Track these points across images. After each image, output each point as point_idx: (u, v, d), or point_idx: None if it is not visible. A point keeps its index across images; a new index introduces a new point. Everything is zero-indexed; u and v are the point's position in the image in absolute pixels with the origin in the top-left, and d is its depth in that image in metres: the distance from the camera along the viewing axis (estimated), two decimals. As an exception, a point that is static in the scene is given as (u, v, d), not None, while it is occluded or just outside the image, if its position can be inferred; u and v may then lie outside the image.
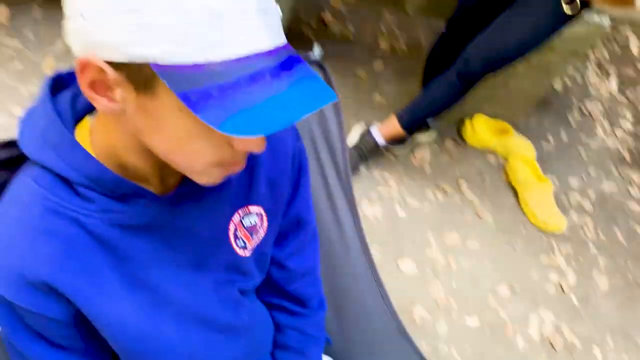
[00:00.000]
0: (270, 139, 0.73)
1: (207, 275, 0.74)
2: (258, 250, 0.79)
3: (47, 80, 0.63)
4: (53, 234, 0.61)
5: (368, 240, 0.99)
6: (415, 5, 2.62)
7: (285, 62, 0.49)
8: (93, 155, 0.60)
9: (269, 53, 0.48)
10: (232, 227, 0.74)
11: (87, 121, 0.64)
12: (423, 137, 2.23)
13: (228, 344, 0.79)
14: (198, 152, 0.54)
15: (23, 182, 0.63)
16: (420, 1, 2.59)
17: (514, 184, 2.23)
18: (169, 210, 0.66)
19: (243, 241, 0.76)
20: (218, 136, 0.53)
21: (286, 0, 1.81)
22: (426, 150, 2.24)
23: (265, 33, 0.48)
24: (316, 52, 0.97)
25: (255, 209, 0.75)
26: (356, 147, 1.98)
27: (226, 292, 0.77)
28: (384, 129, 1.98)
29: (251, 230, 0.76)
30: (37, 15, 1.95)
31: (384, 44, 2.50)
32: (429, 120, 2.17)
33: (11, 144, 0.65)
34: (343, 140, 0.99)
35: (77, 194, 0.61)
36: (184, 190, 0.66)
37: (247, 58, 0.47)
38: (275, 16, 0.50)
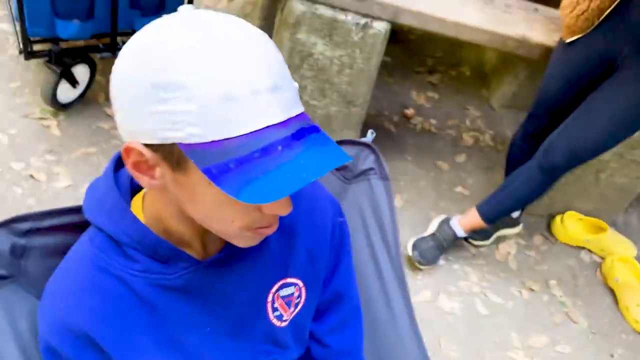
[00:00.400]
0: (309, 213, 0.76)
1: (242, 343, 0.75)
2: (295, 322, 0.79)
3: (112, 158, 0.72)
4: (98, 290, 0.66)
5: (444, 336, 0.95)
6: (501, 100, 2.62)
7: (298, 133, 0.53)
8: (143, 221, 0.66)
9: (281, 125, 0.52)
10: (270, 298, 0.75)
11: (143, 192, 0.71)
12: (508, 231, 2.14)
13: None
14: (229, 218, 0.58)
15: (81, 241, 0.70)
16: (505, 95, 2.59)
17: (611, 285, 2.05)
18: (208, 274, 0.69)
19: (280, 312, 0.76)
20: (243, 203, 0.56)
21: (365, 95, 1.90)
22: (512, 245, 2.14)
23: (276, 108, 0.52)
24: (369, 136, 1.01)
25: (293, 280, 0.77)
26: (433, 235, 1.94)
27: None
28: (464, 220, 1.93)
29: (288, 300, 0.77)
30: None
31: (467, 138, 2.50)
32: (515, 214, 2.09)
33: (80, 210, 0.73)
34: (394, 220, 0.99)
35: (125, 254, 0.66)
36: (223, 256, 0.69)
37: (260, 132, 0.51)
38: (288, 91, 0.54)
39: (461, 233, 1.93)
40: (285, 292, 0.76)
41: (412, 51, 2.81)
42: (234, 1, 2.69)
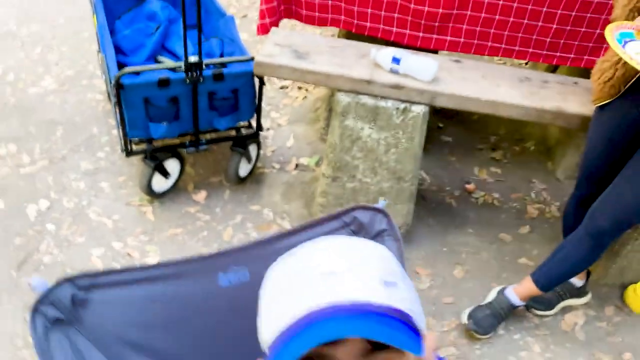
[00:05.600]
0: None
1: None
2: None
3: None
4: None
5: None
6: (566, 172, 2.64)
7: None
8: None
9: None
10: None
11: None
12: (574, 301, 2.10)
13: None
14: None
15: None
16: (570, 167, 2.61)
17: (693, 358, 1.92)
18: None
19: None
20: None
21: (413, 171, 2.05)
22: (579, 316, 2.09)
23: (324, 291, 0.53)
24: (381, 202, 1.15)
25: None
26: (489, 304, 1.97)
27: None
28: (519, 288, 1.95)
29: None
30: (226, 197, 2.49)
31: (532, 210, 2.52)
32: (578, 283, 2.06)
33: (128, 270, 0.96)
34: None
35: None
36: None
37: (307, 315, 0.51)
38: (346, 275, 0.54)
39: (517, 301, 1.94)
40: None
41: (474, 130, 2.93)
42: (307, 99, 3.02)
